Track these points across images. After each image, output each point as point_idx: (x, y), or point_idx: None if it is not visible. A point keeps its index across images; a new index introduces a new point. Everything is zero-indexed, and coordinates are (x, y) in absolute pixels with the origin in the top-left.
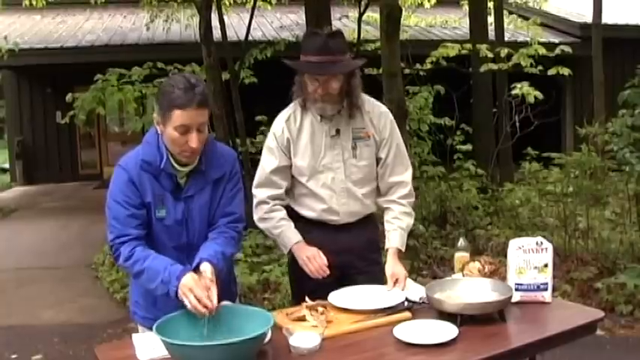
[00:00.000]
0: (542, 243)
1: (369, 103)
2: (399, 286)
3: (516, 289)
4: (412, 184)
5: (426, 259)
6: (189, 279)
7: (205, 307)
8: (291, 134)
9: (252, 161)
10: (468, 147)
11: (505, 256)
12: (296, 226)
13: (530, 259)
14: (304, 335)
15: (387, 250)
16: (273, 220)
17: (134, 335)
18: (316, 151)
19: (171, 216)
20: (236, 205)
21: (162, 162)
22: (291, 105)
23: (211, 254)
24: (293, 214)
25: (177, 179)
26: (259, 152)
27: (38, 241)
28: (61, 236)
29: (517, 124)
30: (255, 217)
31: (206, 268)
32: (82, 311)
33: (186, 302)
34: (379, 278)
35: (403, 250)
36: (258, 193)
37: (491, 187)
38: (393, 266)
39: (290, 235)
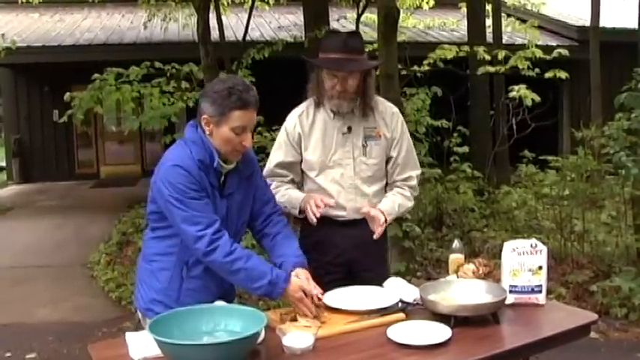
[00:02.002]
0: (536, 245)
1: (382, 103)
2: (375, 223)
3: (510, 291)
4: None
5: (422, 261)
6: (297, 288)
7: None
8: (303, 129)
9: None
10: (465, 149)
11: (501, 258)
12: (304, 223)
13: (524, 262)
14: (297, 335)
15: None
16: (280, 192)
17: (127, 334)
18: (327, 147)
19: (219, 213)
20: (270, 192)
21: (215, 161)
22: (305, 102)
23: (299, 255)
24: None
25: (221, 177)
26: (256, 152)
27: (34, 240)
28: (56, 235)
29: (514, 126)
30: None
31: (300, 273)
32: (77, 310)
33: (297, 310)
34: (386, 276)
35: (387, 218)
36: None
37: (487, 189)
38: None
39: (295, 196)
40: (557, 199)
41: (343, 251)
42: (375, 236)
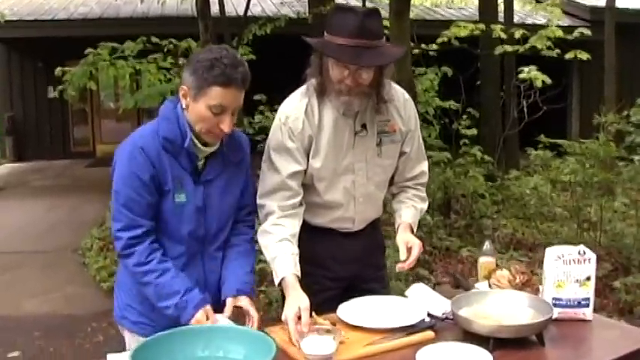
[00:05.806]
0: (584, 253)
1: (394, 89)
2: (412, 256)
3: (554, 305)
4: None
5: (431, 250)
6: (202, 317)
7: None
8: (313, 131)
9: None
10: (474, 132)
11: (514, 247)
12: (300, 236)
13: (570, 271)
14: (317, 340)
15: (398, 225)
16: (273, 238)
17: (109, 356)
18: (338, 151)
19: (192, 202)
20: (250, 194)
21: (186, 141)
22: (303, 90)
23: (245, 281)
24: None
25: (197, 161)
26: (257, 133)
27: (25, 222)
28: (49, 217)
29: (525, 109)
30: (259, 229)
31: (245, 303)
32: (67, 301)
33: None
34: (385, 283)
35: (414, 228)
36: (268, 203)
37: (498, 174)
38: (405, 235)
39: (281, 265)
40: (572, 186)
41: (344, 265)
42: (405, 266)
